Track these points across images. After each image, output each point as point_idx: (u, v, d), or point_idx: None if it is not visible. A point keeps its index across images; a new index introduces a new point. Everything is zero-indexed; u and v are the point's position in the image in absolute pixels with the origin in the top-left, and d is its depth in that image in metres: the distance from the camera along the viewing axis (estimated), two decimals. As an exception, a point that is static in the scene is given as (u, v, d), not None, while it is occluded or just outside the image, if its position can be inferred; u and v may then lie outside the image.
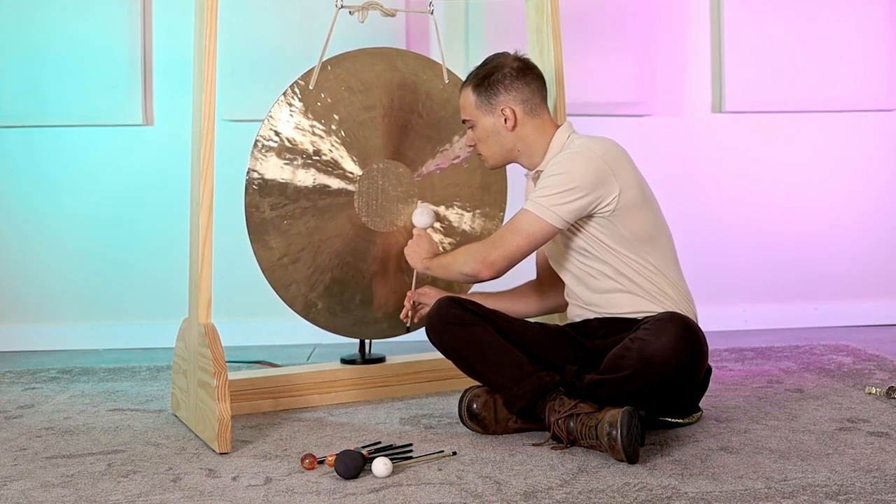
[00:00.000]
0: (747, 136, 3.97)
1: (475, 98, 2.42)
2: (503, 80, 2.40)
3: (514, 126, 2.41)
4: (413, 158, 2.80)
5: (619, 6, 3.82)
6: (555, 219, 2.28)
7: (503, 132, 2.41)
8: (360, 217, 2.73)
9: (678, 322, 2.17)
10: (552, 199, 2.27)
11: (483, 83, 2.42)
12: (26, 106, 3.71)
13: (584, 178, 2.27)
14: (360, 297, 2.76)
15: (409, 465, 2.10)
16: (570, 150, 2.34)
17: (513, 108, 2.40)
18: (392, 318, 2.79)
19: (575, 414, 2.17)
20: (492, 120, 2.41)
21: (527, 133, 2.42)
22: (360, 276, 2.75)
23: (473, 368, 2.36)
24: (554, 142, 2.41)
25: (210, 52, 2.34)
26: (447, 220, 2.86)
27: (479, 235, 2.88)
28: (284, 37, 3.70)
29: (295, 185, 2.64)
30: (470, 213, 2.89)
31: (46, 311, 3.79)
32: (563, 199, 2.27)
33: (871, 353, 3.29)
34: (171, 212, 3.68)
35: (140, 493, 1.94)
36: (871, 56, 3.97)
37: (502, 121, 2.40)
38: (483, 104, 2.41)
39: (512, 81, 2.41)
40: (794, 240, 4.00)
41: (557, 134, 2.42)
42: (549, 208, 2.27)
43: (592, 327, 2.42)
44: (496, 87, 2.40)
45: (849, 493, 1.87)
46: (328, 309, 2.72)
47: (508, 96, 2.40)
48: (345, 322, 2.76)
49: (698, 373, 2.23)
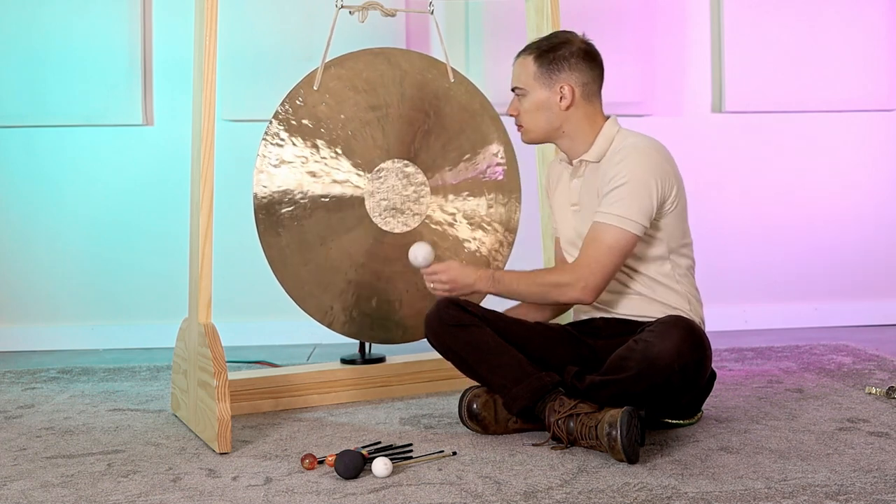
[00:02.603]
0: (747, 136, 3.97)
1: (535, 68, 2.36)
2: (570, 57, 2.35)
3: (569, 106, 2.35)
4: (423, 158, 2.80)
5: (619, 6, 3.82)
6: (636, 228, 2.25)
7: (555, 109, 2.36)
8: (372, 217, 2.73)
9: (683, 326, 2.15)
10: (630, 209, 2.23)
11: (547, 55, 2.35)
12: (26, 106, 3.71)
13: (653, 182, 2.26)
14: (376, 299, 2.76)
15: (409, 465, 2.10)
16: (631, 151, 2.29)
17: (572, 88, 2.34)
18: (408, 322, 2.79)
19: (575, 414, 2.17)
20: (547, 94, 2.36)
21: (578, 117, 2.37)
22: (375, 277, 2.75)
23: (473, 370, 2.35)
24: (602, 134, 2.37)
25: (210, 52, 2.34)
26: (461, 220, 2.85)
27: (495, 233, 2.88)
28: (284, 37, 3.70)
29: (303, 189, 2.64)
30: (485, 210, 2.89)
31: (46, 311, 3.79)
32: (639, 206, 2.24)
33: (871, 353, 3.29)
34: (171, 212, 3.68)
35: (140, 493, 1.94)
36: (871, 56, 3.97)
37: (557, 98, 2.35)
38: (542, 76, 2.35)
39: (578, 61, 2.35)
40: (794, 240, 4.00)
41: (606, 126, 2.38)
42: (629, 219, 2.23)
43: (597, 326, 2.41)
44: (560, 62, 2.35)
45: (849, 493, 1.87)
46: (344, 312, 2.72)
47: (571, 75, 2.35)
48: (362, 326, 2.75)
49: (701, 377, 2.21)
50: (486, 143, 2.91)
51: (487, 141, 2.91)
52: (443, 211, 2.84)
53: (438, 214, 2.83)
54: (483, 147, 2.90)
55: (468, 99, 2.89)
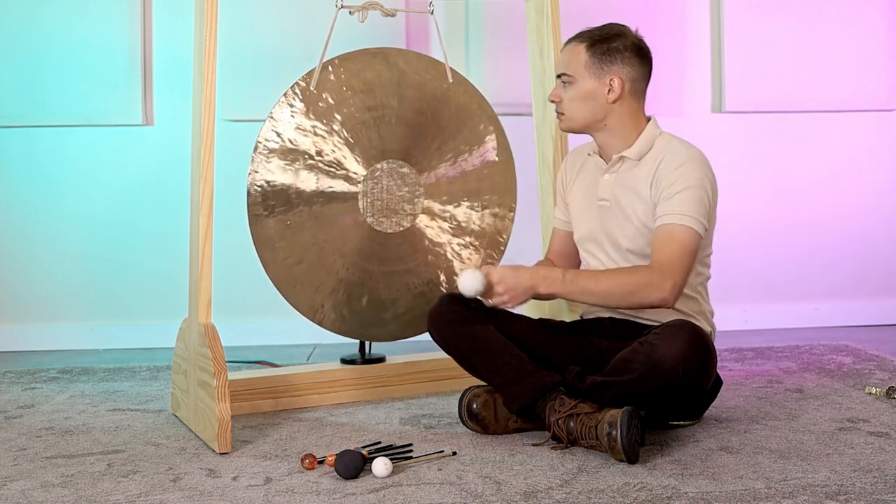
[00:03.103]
0: (747, 136, 3.97)
1: (587, 57, 2.33)
2: (623, 50, 2.33)
3: (616, 100, 2.33)
4: (418, 158, 2.80)
5: (619, 6, 3.82)
6: (702, 228, 2.25)
7: (601, 101, 2.33)
8: (366, 218, 2.73)
9: (689, 330, 2.14)
10: (696, 210, 2.24)
11: (601, 45, 2.33)
12: (26, 106, 3.71)
13: (709, 189, 2.28)
14: (367, 298, 2.76)
15: (409, 465, 2.10)
16: (691, 159, 2.28)
17: (622, 81, 2.32)
18: (399, 319, 2.79)
19: (575, 414, 2.17)
20: (595, 85, 2.33)
21: (622, 112, 2.35)
22: (367, 276, 2.75)
23: (473, 366, 2.36)
24: (645, 134, 2.35)
25: (210, 52, 2.34)
26: (455, 220, 2.86)
27: (489, 233, 2.88)
28: (284, 37, 3.70)
29: (298, 187, 2.64)
30: (479, 211, 2.89)
31: (46, 311, 3.79)
32: (703, 208, 2.25)
33: (871, 353, 3.29)
34: (171, 212, 3.68)
35: (140, 493, 1.94)
36: (871, 56, 3.97)
37: (605, 90, 2.32)
38: (593, 65, 2.32)
39: (631, 56, 2.34)
40: (794, 240, 4.00)
41: (649, 127, 2.37)
42: (697, 219, 2.23)
43: (604, 326, 2.40)
44: (614, 54, 2.32)
45: (849, 493, 1.87)
46: (335, 310, 2.72)
47: (623, 68, 2.33)
48: (352, 324, 2.76)
49: (705, 382, 2.19)
50: (483, 144, 2.91)
51: (484, 141, 2.91)
52: (437, 211, 2.84)
53: (432, 215, 2.83)
54: (479, 147, 2.90)
55: (466, 99, 2.89)
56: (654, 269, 2.20)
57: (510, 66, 3.75)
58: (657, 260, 2.22)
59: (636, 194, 2.32)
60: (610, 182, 2.38)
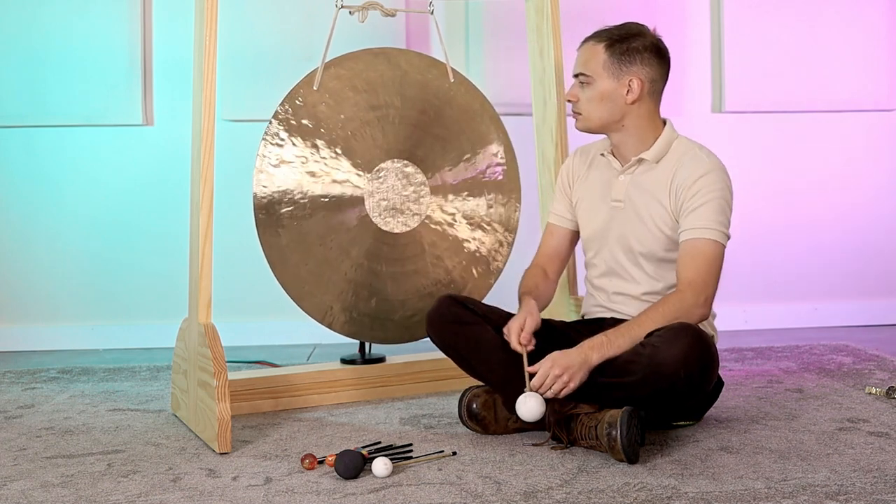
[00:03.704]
0: (747, 136, 3.97)
1: (606, 57, 2.31)
2: (643, 51, 2.31)
3: (634, 101, 2.31)
4: (423, 158, 2.80)
5: (619, 6, 3.82)
6: (725, 238, 2.27)
7: (619, 101, 2.31)
8: (372, 218, 2.73)
9: (691, 333, 2.13)
10: (720, 221, 2.25)
11: (620, 45, 2.30)
12: (26, 106, 3.71)
13: (729, 193, 2.29)
14: (375, 299, 2.76)
15: (409, 465, 2.10)
16: (713, 168, 2.28)
17: (641, 82, 2.31)
18: (406, 321, 2.79)
19: (575, 414, 2.17)
20: (614, 85, 2.31)
21: (640, 113, 2.34)
22: (375, 277, 2.75)
23: (472, 367, 2.35)
24: (664, 137, 2.35)
25: (210, 52, 2.34)
26: (461, 220, 2.85)
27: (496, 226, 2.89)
28: (284, 37, 3.70)
29: (303, 189, 2.64)
30: (484, 205, 2.89)
31: (46, 311, 3.79)
32: (726, 217, 2.27)
33: (871, 353, 3.29)
34: (171, 212, 3.68)
35: (140, 493, 1.94)
36: (871, 56, 3.97)
37: (624, 91, 2.31)
38: (612, 66, 2.30)
39: (650, 56, 2.32)
40: (794, 240, 4.00)
41: (667, 129, 2.37)
42: (721, 231, 2.25)
43: (605, 326, 2.39)
44: (633, 55, 2.30)
45: (849, 493, 1.87)
46: (343, 312, 2.72)
47: (642, 69, 2.31)
48: (361, 325, 2.75)
49: (707, 384, 2.19)
50: (486, 143, 2.91)
51: (487, 141, 2.91)
52: (442, 211, 2.84)
53: (438, 214, 2.83)
54: (483, 147, 2.90)
55: (468, 99, 2.89)
56: (684, 290, 2.22)
57: (510, 66, 3.75)
58: (686, 278, 2.23)
59: (653, 197, 2.32)
60: (625, 183, 2.37)
